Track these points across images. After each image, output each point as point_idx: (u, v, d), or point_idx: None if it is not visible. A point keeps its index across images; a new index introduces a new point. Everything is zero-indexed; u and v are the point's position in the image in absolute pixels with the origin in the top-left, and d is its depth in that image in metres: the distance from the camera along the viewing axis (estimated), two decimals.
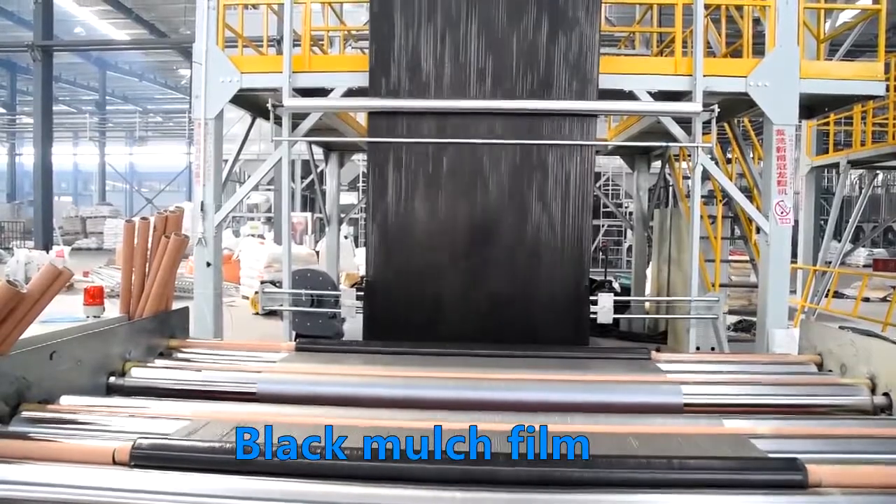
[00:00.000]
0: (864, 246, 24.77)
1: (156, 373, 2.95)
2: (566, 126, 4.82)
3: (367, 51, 5.40)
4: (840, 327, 3.38)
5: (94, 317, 3.29)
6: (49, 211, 18.89)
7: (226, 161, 6.72)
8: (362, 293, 4.96)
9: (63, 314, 3.84)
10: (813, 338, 3.43)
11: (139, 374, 2.90)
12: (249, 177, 21.82)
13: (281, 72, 5.17)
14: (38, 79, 17.70)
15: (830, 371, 3.19)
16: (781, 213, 5.24)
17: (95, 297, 3.35)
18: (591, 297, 4.86)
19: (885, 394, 2.74)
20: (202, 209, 5.35)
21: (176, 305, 3.47)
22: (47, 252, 15.74)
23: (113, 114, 35.53)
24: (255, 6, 7.14)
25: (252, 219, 20.29)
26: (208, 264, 5.39)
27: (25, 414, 2.27)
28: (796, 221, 12.07)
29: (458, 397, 2.71)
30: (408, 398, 2.67)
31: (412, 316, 4.74)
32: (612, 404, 2.70)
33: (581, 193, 4.79)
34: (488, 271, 4.78)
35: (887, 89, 8.89)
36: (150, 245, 3.31)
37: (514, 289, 4.71)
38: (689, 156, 5.65)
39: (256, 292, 7.69)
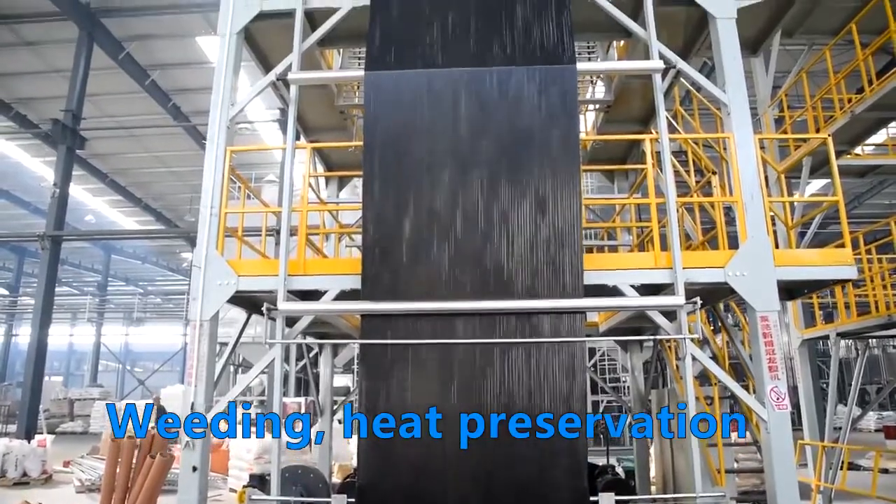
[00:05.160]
0: (872, 410, 24.20)
1: None
2: (556, 322, 4.91)
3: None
4: None
5: None
6: (37, 395, 18.41)
7: (224, 344, 6.71)
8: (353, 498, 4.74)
9: None
10: None
11: None
12: (243, 359, 21.68)
13: (277, 275, 5.36)
14: (44, 265, 18.10)
15: None
16: (777, 398, 5.17)
17: None
18: (593, 498, 4.65)
19: None
20: (192, 410, 5.27)
21: (163, 500, 3.30)
22: (29, 441, 15.14)
23: (113, 295, 36.17)
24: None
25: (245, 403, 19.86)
26: (194, 469, 5.19)
27: None
28: (795, 387, 11.89)
29: None
30: None
31: None
32: None
33: (574, 387, 4.77)
34: (483, 473, 4.60)
35: (860, 262, 9.27)
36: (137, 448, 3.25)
37: (512, 497, 4.50)
38: (678, 344, 5.70)
39: (245, 487, 7.33)
